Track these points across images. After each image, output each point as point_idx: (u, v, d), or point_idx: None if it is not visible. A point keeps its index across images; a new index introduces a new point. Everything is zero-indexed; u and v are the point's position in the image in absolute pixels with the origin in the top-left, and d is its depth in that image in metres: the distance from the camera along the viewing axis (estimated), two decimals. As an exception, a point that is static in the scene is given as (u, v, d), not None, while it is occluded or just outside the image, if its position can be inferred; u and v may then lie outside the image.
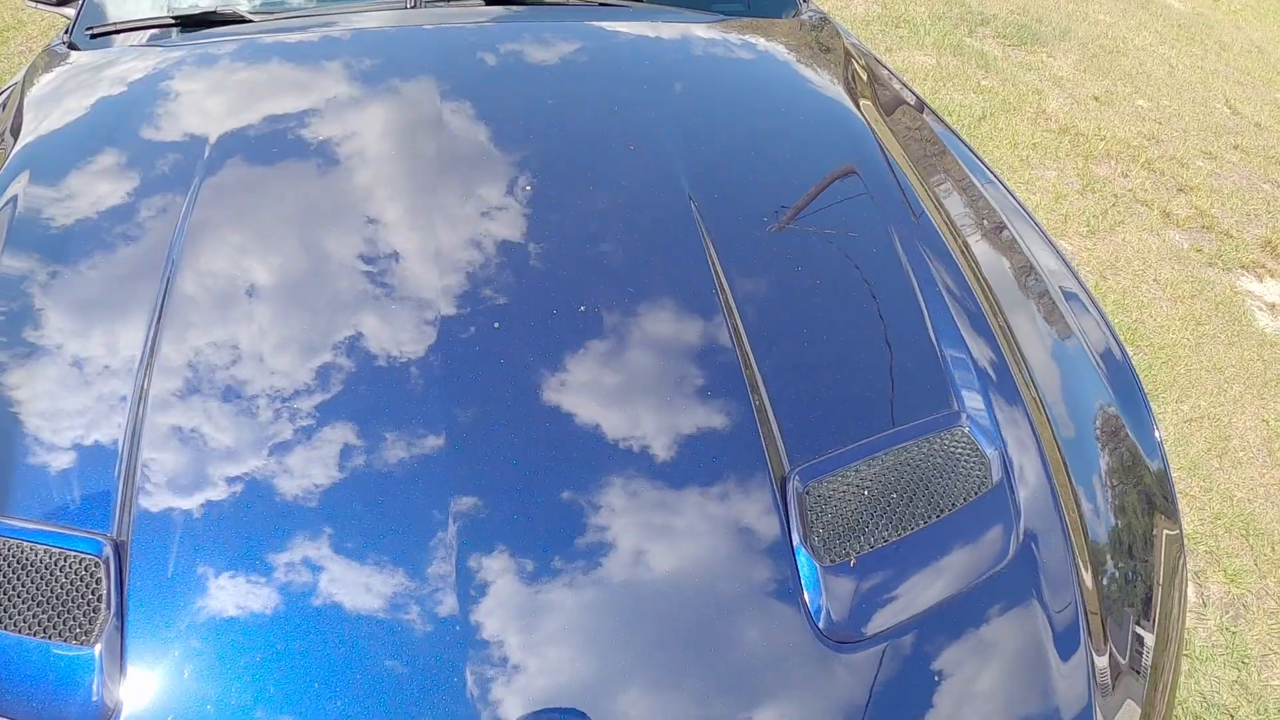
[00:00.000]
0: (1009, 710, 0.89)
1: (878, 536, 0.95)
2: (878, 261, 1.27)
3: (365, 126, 1.29)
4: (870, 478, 0.98)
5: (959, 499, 0.99)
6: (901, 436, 1.02)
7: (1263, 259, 3.72)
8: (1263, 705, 2.02)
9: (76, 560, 0.80)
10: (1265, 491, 2.57)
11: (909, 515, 0.96)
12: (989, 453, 1.03)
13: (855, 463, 0.99)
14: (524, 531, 0.86)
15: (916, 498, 0.98)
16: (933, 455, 1.01)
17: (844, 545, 0.93)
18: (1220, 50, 5.80)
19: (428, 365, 0.96)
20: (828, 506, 0.95)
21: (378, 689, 0.76)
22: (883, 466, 0.99)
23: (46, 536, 0.82)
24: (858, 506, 0.96)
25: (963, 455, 1.02)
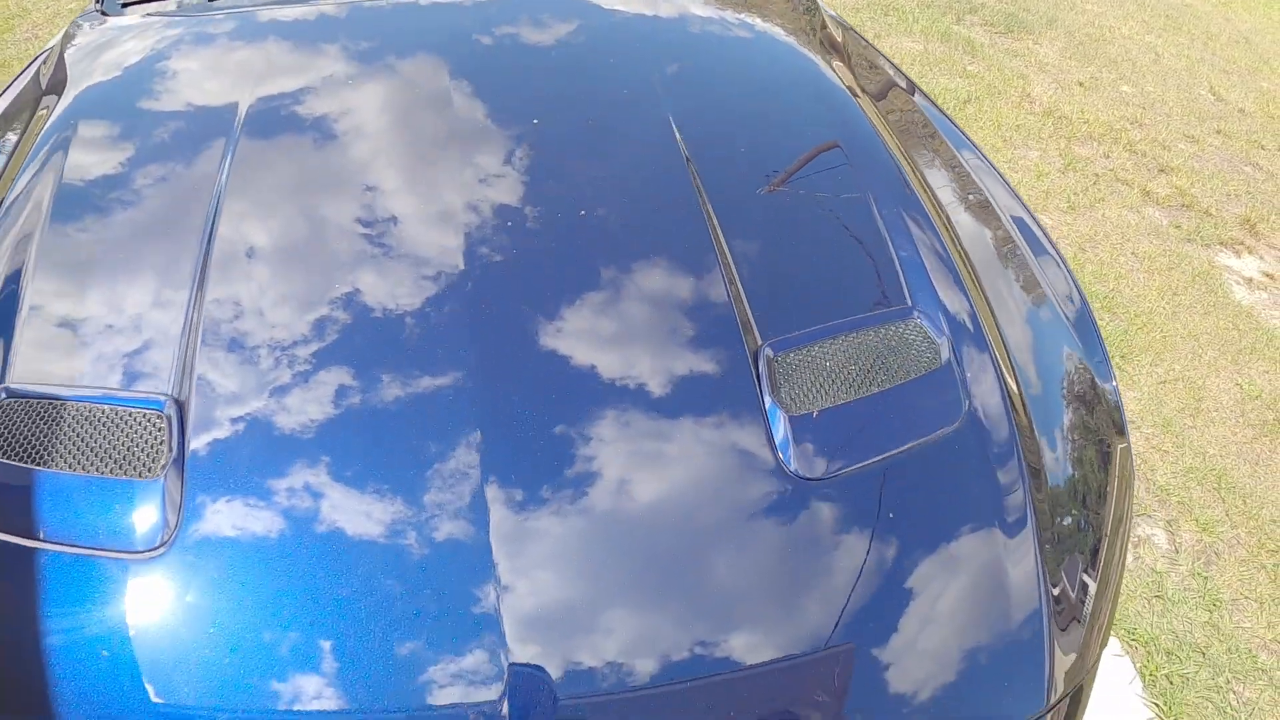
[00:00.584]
0: (962, 539, 1.00)
1: (838, 397, 1.06)
2: (843, 184, 1.35)
3: (383, 91, 1.38)
4: (832, 353, 1.10)
5: (911, 373, 1.11)
6: (859, 324, 1.13)
7: (1242, 236, 3.79)
8: (1234, 645, 2.07)
9: (141, 415, 0.91)
10: (1237, 449, 2.63)
11: (866, 383, 1.08)
12: (939, 340, 1.13)
13: (819, 341, 1.11)
14: (545, 429, 0.97)
15: (873, 370, 1.09)
16: (888, 339, 1.13)
17: (808, 402, 1.05)
18: (1207, 40, 5.88)
19: (455, 297, 1.06)
20: (794, 372, 1.07)
21: (396, 579, 0.85)
22: (843, 345, 1.11)
23: (114, 399, 0.93)
24: (821, 375, 1.08)
25: (915, 340, 1.14)
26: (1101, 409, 1.24)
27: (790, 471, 0.99)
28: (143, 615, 0.82)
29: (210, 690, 0.78)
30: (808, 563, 0.92)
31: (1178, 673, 1.98)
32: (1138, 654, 2.02)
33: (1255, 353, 3.05)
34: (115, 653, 0.80)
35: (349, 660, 0.81)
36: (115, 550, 0.85)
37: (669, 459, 0.97)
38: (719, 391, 1.04)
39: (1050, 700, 0.96)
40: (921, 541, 0.97)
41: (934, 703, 0.92)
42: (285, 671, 0.80)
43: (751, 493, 0.96)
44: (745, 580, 0.90)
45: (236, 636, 0.82)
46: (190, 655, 0.80)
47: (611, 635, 0.84)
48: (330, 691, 0.80)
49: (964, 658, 0.94)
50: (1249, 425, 2.73)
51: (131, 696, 0.78)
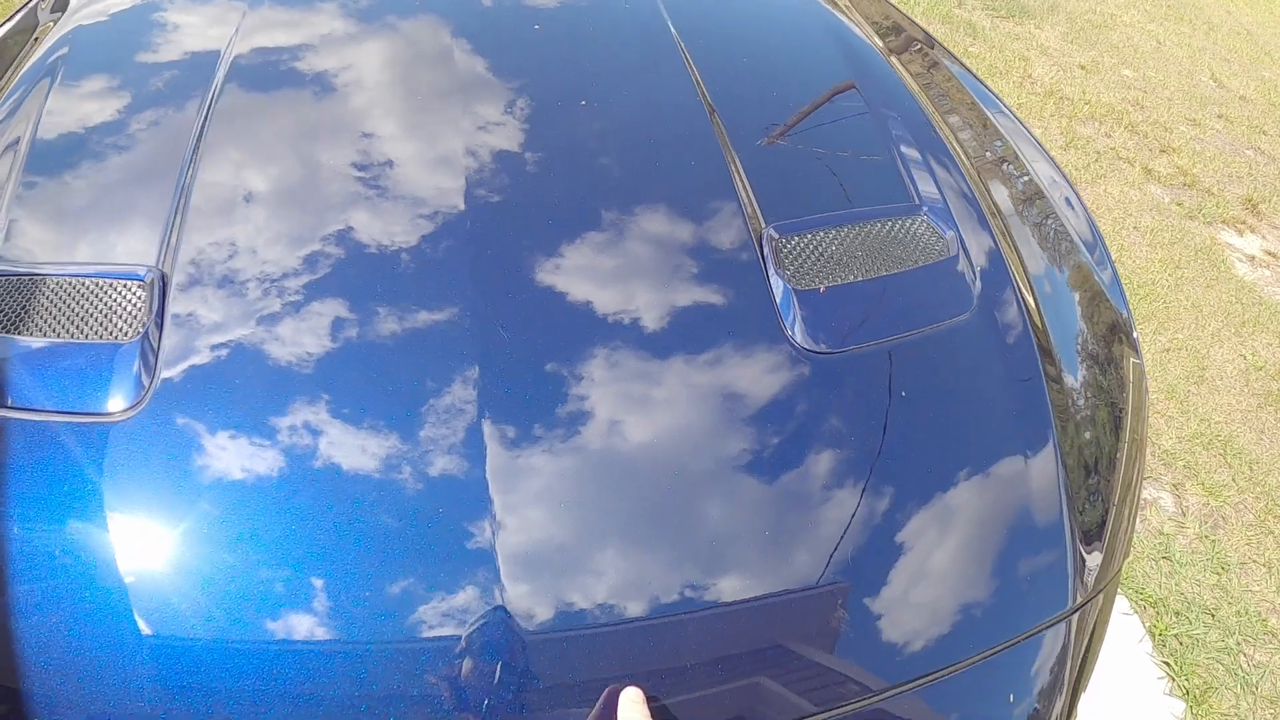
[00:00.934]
0: (979, 428, 0.93)
1: (845, 278, 0.99)
2: (852, 99, 1.29)
3: (386, 36, 1.28)
4: (837, 239, 1.04)
5: (920, 261, 1.04)
6: (865, 216, 1.06)
7: (1244, 215, 3.74)
8: (1244, 608, 2.01)
9: (123, 285, 0.87)
10: (1242, 416, 2.57)
11: (874, 267, 1.01)
12: (946, 234, 1.07)
13: (824, 228, 1.04)
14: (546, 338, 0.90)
15: (880, 256, 1.03)
16: (894, 231, 1.07)
17: (814, 279, 0.98)
18: (1209, 30, 5.85)
19: (451, 230, 0.97)
20: (798, 252, 1.01)
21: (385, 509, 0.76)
22: (848, 233, 1.05)
23: (96, 274, 0.89)
24: (826, 257, 1.01)
25: (922, 234, 1.08)
26: (1116, 325, 1.18)
27: (798, 345, 0.92)
28: (112, 480, 0.75)
29: (172, 551, 0.71)
30: (818, 448, 0.85)
31: (1187, 634, 1.91)
32: (1146, 614, 1.94)
33: (1259, 326, 3.00)
34: (75, 518, 0.73)
35: (321, 557, 0.73)
36: (84, 414, 0.78)
37: (672, 342, 0.90)
38: (722, 270, 0.97)
39: (1075, 600, 0.88)
40: (936, 428, 0.89)
41: (952, 602, 0.84)
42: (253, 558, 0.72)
43: (759, 368, 0.89)
44: (758, 469, 0.83)
45: (205, 507, 0.74)
46: (155, 524, 0.73)
47: (622, 556, 0.76)
48: (303, 585, 0.72)
49: (983, 554, 0.87)
50: (1253, 395, 2.67)
51: (85, 556, 0.71)
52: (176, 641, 0.69)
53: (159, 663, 0.68)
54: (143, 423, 0.78)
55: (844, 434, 0.86)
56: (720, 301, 0.94)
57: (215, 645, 0.69)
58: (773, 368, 0.89)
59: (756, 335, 0.91)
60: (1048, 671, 0.89)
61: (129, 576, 0.71)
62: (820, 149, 1.19)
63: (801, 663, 0.78)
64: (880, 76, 1.37)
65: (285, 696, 0.69)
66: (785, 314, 0.93)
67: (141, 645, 0.69)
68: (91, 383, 0.80)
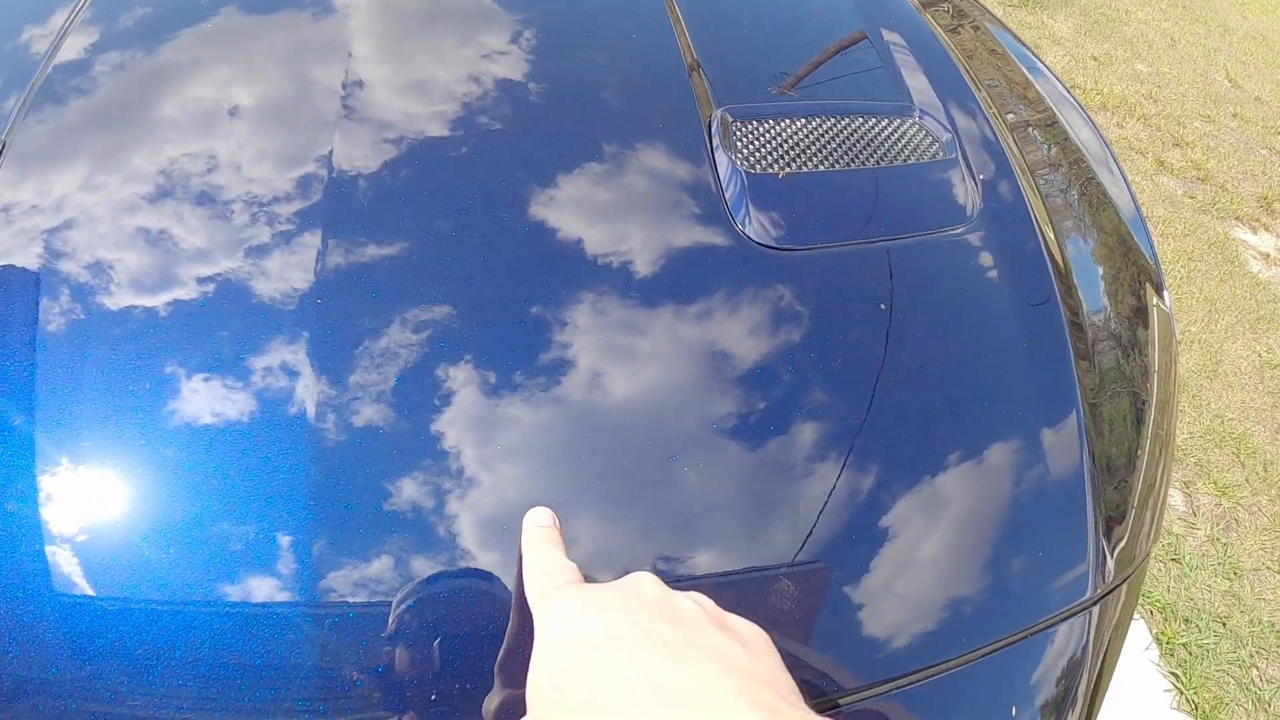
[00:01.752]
0: (978, 366, 0.72)
1: (812, 165, 0.80)
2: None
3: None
4: (807, 128, 0.84)
5: (907, 159, 0.84)
6: (846, 110, 0.88)
7: (1258, 214, 3.57)
8: (1256, 617, 1.83)
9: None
10: (1257, 415, 2.39)
11: (849, 160, 0.82)
12: (943, 138, 0.88)
13: (792, 116, 0.85)
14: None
15: (859, 149, 0.84)
16: (879, 127, 0.87)
17: (772, 163, 0.79)
18: (1224, 33, 5.69)
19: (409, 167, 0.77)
20: (756, 137, 0.82)
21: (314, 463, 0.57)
22: (822, 122, 0.85)
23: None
24: (791, 145, 0.82)
25: (913, 134, 0.88)
26: (1141, 263, 0.99)
27: (749, 238, 0.72)
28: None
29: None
30: (780, 375, 0.65)
31: (1196, 642, 1.73)
32: (1154, 619, 1.76)
33: (1274, 323, 2.82)
34: None
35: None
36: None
37: (588, 233, 0.71)
38: (661, 152, 0.78)
39: (1095, 590, 0.69)
40: (925, 362, 0.69)
41: (954, 588, 0.65)
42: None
43: (699, 266, 0.70)
44: (699, 407, 0.64)
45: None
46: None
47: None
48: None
49: (988, 532, 0.68)
50: (1269, 393, 2.49)
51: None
52: None
53: None
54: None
55: (814, 362, 0.66)
56: (654, 194, 0.74)
57: None
58: (720, 268, 0.69)
59: (697, 230, 0.72)
60: (1063, 671, 0.70)
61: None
62: (801, 49, 0.99)
63: (781, 650, 0.60)
64: (903, 18, 1.18)
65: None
66: (735, 206, 0.74)
67: None
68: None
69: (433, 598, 0.54)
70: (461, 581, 0.55)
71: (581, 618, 0.41)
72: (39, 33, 0.84)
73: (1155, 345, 0.91)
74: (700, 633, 0.39)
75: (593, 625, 0.40)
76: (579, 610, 0.41)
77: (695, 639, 0.39)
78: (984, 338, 0.75)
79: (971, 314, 0.76)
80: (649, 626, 0.39)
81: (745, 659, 0.38)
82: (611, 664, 0.37)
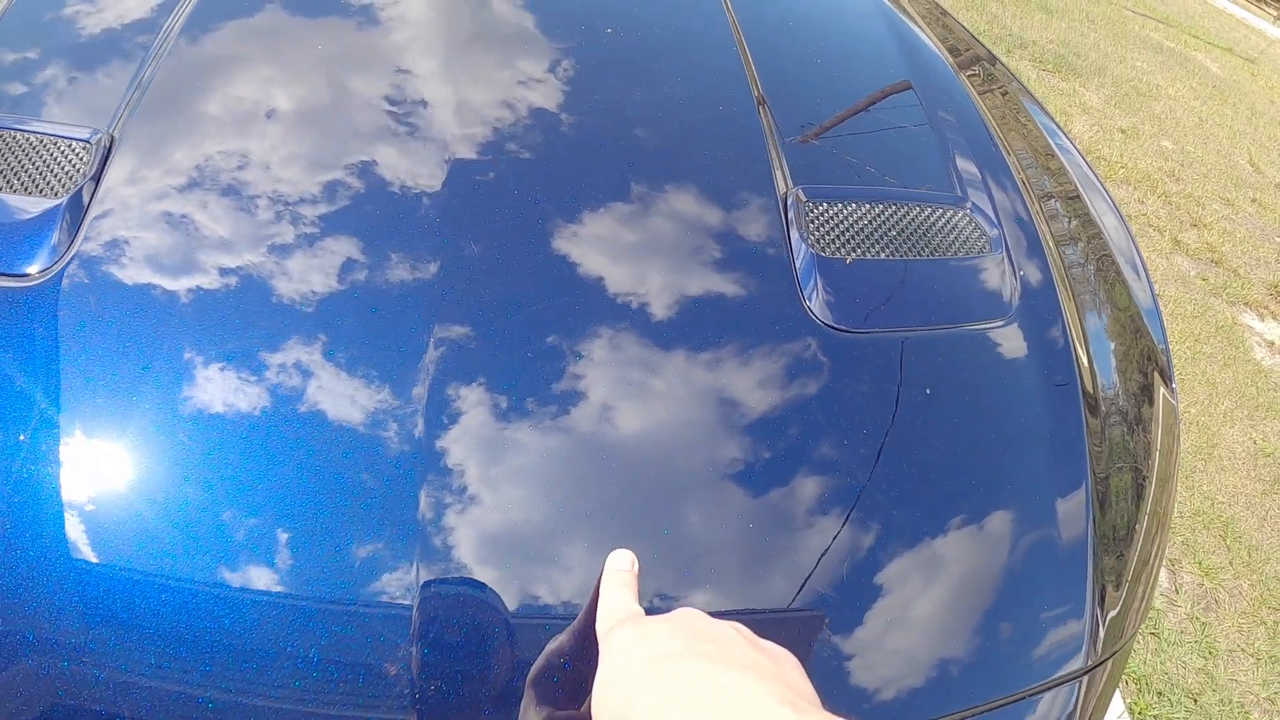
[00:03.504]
0: (1007, 446, 0.82)
1: (875, 254, 0.90)
2: (901, 78, 1.20)
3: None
4: (871, 215, 0.95)
5: (958, 252, 0.95)
6: (903, 197, 0.98)
7: (1267, 301, 3.66)
8: (1227, 697, 1.91)
9: (67, 144, 0.81)
10: (1246, 501, 2.47)
11: (907, 249, 0.92)
12: (990, 231, 0.98)
13: (857, 200, 0.95)
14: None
15: (916, 239, 0.94)
16: (934, 218, 0.97)
17: (840, 248, 0.89)
18: (1251, 116, 5.80)
19: (436, 195, 0.87)
20: (827, 220, 0.92)
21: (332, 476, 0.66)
22: (884, 210, 0.96)
23: (43, 131, 0.82)
24: (856, 230, 0.92)
25: (963, 226, 0.98)
26: (1154, 362, 1.08)
27: (816, 317, 0.82)
28: (15, 347, 0.67)
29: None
30: (826, 441, 0.75)
31: (1167, 716, 1.81)
32: (1128, 689, 1.85)
33: (1272, 412, 2.91)
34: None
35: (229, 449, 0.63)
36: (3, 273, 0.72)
37: (674, 303, 0.80)
38: (741, 230, 0.88)
39: (1088, 661, 0.78)
40: (959, 438, 0.79)
41: (955, 646, 0.74)
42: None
43: (770, 339, 0.79)
44: (756, 459, 0.73)
45: (106, 385, 0.65)
46: (46, 397, 0.64)
47: (592, 547, 0.67)
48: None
49: (993, 594, 0.77)
50: (1260, 480, 2.58)
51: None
52: (75, 538, 0.60)
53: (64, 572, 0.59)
54: (56, 285, 0.69)
55: (857, 430, 0.76)
56: (735, 263, 0.84)
57: (123, 548, 0.60)
58: (785, 340, 0.79)
59: (770, 301, 0.82)
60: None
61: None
62: (863, 128, 1.10)
63: None
64: (941, 80, 1.29)
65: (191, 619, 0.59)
66: (805, 282, 0.84)
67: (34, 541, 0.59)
68: (8, 240, 0.71)
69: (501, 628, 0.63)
70: (531, 616, 0.64)
71: (637, 643, 0.50)
72: (148, 30, 0.93)
73: (1160, 424, 1.01)
74: (736, 650, 0.48)
75: (645, 647, 0.49)
76: (635, 637, 0.50)
77: (732, 654, 0.47)
78: (1008, 417, 0.85)
79: (1000, 396, 0.85)
80: (692, 645, 0.48)
81: (775, 669, 0.47)
82: (661, 680, 0.46)
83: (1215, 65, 6.72)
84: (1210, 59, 6.86)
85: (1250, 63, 7.34)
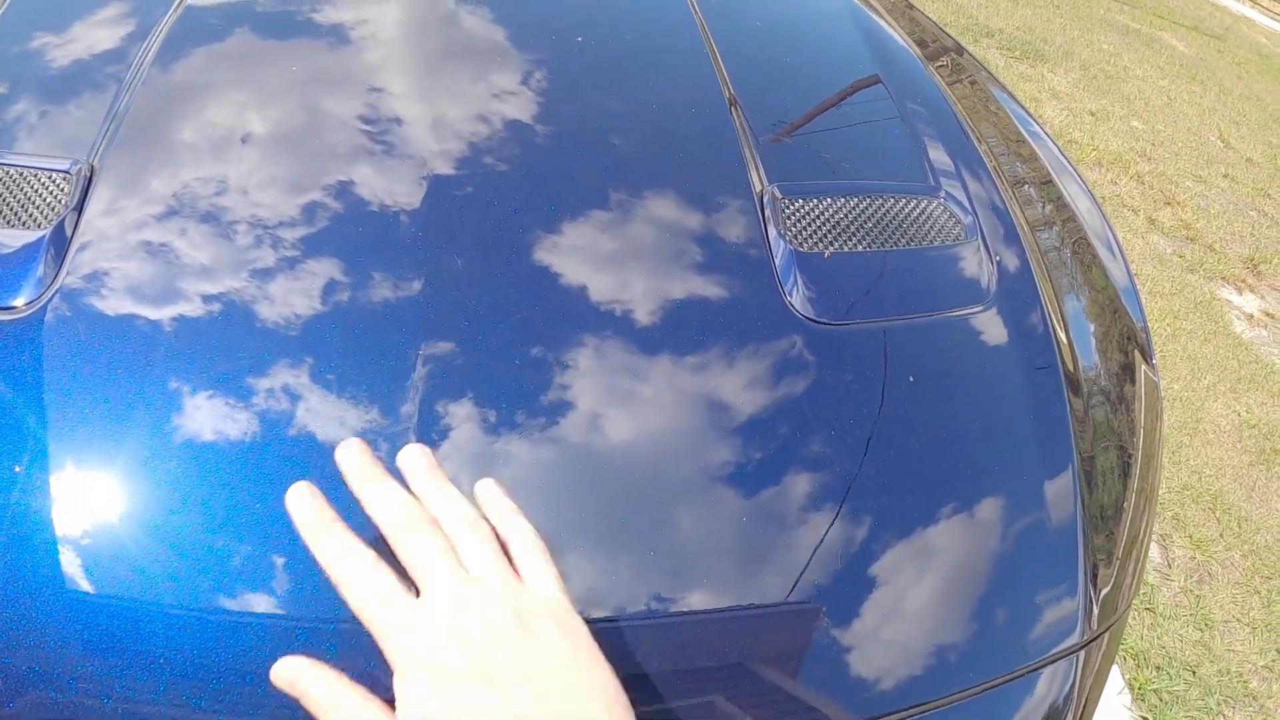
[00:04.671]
0: (993, 430, 0.83)
1: (852, 246, 0.91)
2: (870, 71, 1.21)
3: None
4: (847, 209, 0.96)
5: (935, 240, 0.96)
6: (877, 190, 0.99)
7: (1244, 275, 3.71)
8: (1225, 667, 1.93)
9: (48, 175, 0.81)
10: (1234, 472, 2.50)
11: (884, 240, 0.93)
12: (965, 219, 0.99)
13: (832, 195, 0.96)
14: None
15: (892, 230, 0.95)
16: (908, 208, 0.99)
17: (818, 242, 0.90)
18: (1220, 93, 5.87)
19: (414, 209, 0.86)
20: (803, 215, 0.93)
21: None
22: (859, 203, 0.97)
23: (22, 164, 0.83)
24: (832, 224, 0.93)
25: (938, 215, 1.00)
26: (1133, 340, 1.10)
27: (798, 312, 0.83)
28: (12, 375, 0.67)
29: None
30: (812, 434, 0.76)
31: (1167, 689, 1.83)
32: (1126, 665, 1.86)
33: (1254, 384, 2.94)
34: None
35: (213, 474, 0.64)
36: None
37: (654, 302, 0.81)
38: (718, 228, 0.88)
39: (1083, 636, 0.80)
40: (946, 425, 0.80)
41: (947, 628, 0.74)
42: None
43: (752, 335, 0.80)
44: (742, 454, 0.74)
45: (91, 415, 0.65)
46: (34, 426, 0.65)
47: (575, 551, 0.67)
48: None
49: (983, 575, 0.78)
50: (1245, 451, 2.61)
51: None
52: (58, 565, 0.60)
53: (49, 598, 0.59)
54: (42, 317, 0.69)
55: (845, 421, 0.77)
56: (715, 263, 0.85)
57: (112, 577, 0.60)
58: (769, 336, 0.80)
59: (752, 299, 0.82)
60: (1049, 713, 0.80)
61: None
62: (834, 124, 1.11)
63: (769, 687, 0.69)
64: (910, 73, 1.30)
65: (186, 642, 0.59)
66: (785, 278, 0.85)
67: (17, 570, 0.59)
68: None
69: None
70: None
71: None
72: (121, 60, 0.93)
73: (1142, 403, 1.03)
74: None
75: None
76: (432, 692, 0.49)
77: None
78: (992, 402, 0.86)
79: (983, 381, 0.87)
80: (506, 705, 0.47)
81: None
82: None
83: (1182, 44, 6.80)
84: (1177, 38, 6.95)
85: (1217, 39, 7.44)
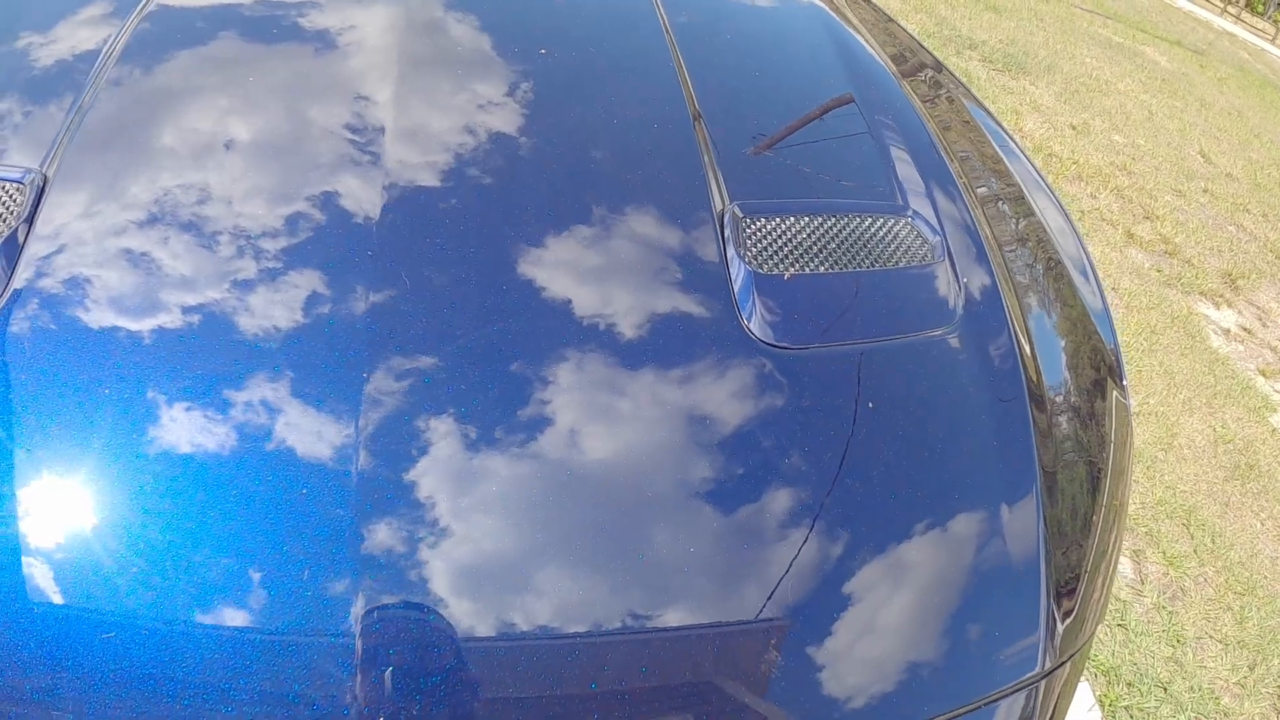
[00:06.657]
0: (955, 457, 0.83)
1: (814, 267, 0.90)
2: (843, 89, 1.20)
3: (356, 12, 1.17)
4: (810, 228, 0.94)
5: (900, 261, 0.94)
6: (843, 208, 0.97)
7: (1222, 289, 3.73)
8: (1197, 684, 1.93)
9: (0, 185, 0.81)
10: (1208, 488, 2.51)
11: (848, 261, 0.92)
12: (932, 240, 0.98)
13: (796, 214, 0.95)
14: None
15: (857, 250, 0.93)
16: (875, 228, 0.98)
17: (780, 263, 0.89)
18: (1201, 107, 5.92)
19: (380, 219, 0.86)
20: (764, 235, 0.91)
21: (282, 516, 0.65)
22: (823, 222, 0.95)
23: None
24: (795, 244, 0.92)
25: (904, 235, 0.98)
26: (1102, 360, 1.10)
27: (755, 337, 0.81)
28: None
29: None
30: (769, 463, 0.75)
31: (1138, 706, 1.83)
32: (1098, 682, 1.86)
33: (1230, 399, 2.96)
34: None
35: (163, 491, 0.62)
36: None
37: (606, 327, 0.80)
38: (675, 248, 0.88)
39: (1044, 665, 0.79)
40: (906, 453, 0.79)
41: (909, 656, 0.74)
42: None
43: (707, 361, 0.79)
44: (694, 482, 0.73)
45: (45, 425, 0.65)
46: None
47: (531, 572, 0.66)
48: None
49: (946, 604, 0.77)
50: (1220, 467, 2.62)
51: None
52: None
53: None
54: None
55: (800, 449, 0.76)
56: (670, 286, 0.84)
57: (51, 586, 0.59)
58: (723, 363, 0.79)
59: (707, 323, 0.81)
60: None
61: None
62: (802, 140, 1.10)
63: (728, 711, 0.68)
64: (883, 89, 1.30)
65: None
66: (743, 301, 0.83)
67: None
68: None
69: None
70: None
71: None
72: (79, 65, 0.93)
73: (1112, 420, 1.02)
74: None
75: None
76: None
77: None
78: (955, 428, 0.85)
79: (946, 406, 0.86)
80: None
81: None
82: None
83: (1164, 59, 6.86)
84: (1159, 53, 7.01)
85: (1199, 55, 7.51)
